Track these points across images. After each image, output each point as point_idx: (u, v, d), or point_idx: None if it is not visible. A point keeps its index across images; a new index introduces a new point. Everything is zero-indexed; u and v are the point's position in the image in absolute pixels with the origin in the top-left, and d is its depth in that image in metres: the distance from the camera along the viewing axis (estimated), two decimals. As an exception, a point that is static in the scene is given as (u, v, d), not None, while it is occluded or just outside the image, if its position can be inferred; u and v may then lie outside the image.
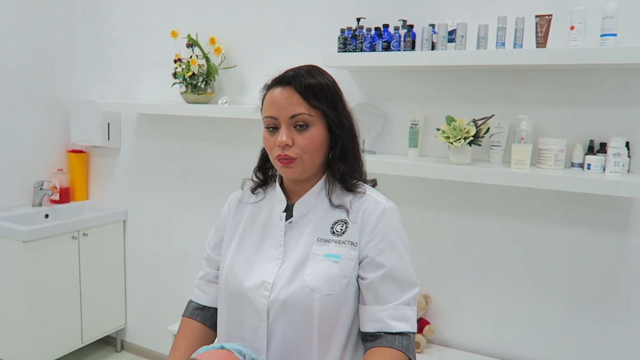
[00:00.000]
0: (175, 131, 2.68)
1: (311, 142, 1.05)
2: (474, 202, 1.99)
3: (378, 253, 1.05)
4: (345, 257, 1.05)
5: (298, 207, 1.12)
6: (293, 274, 1.05)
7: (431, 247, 2.08)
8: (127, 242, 2.94)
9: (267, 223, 1.15)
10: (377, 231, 1.06)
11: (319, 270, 1.04)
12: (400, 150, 2.09)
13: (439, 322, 2.09)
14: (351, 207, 1.09)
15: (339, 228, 1.08)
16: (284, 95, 1.05)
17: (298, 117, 1.04)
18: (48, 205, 2.86)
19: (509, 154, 1.85)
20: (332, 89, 1.09)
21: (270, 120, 1.07)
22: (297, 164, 1.06)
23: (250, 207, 1.20)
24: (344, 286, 1.04)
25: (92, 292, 2.77)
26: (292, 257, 1.08)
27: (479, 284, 2.01)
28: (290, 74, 1.06)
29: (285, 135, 1.04)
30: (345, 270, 1.04)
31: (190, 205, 2.69)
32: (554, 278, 1.88)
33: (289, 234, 1.11)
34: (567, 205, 1.83)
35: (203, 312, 1.22)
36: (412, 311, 1.05)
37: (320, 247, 1.07)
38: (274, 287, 1.05)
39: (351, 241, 1.07)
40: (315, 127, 1.06)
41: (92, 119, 2.78)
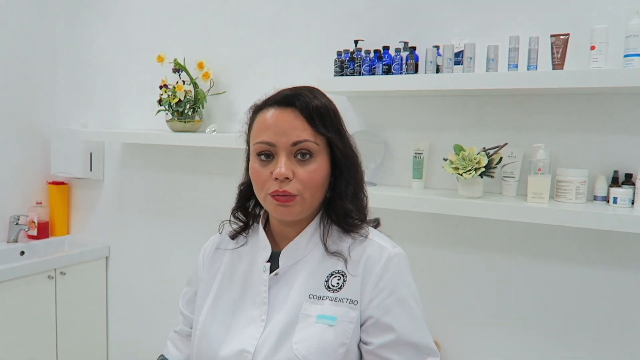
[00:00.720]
0: (162, 161, 2.51)
1: (314, 176, 0.88)
2: (486, 240, 1.80)
3: (384, 313, 0.87)
4: (343, 318, 0.86)
5: (285, 255, 0.93)
6: (279, 341, 0.86)
7: (438, 288, 1.88)
8: (109, 280, 2.73)
9: (248, 275, 0.96)
10: (382, 285, 0.88)
11: (311, 335, 0.85)
12: (403, 181, 1.92)
13: (448, 371, 1.89)
14: (350, 256, 0.90)
15: (335, 282, 0.89)
16: (284, 117, 0.88)
17: (302, 145, 0.87)
18: (25, 241, 2.66)
19: (523, 185, 1.68)
20: (337, 114, 0.94)
21: (263, 147, 0.89)
22: (296, 203, 0.88)
23: (230, 254, 1.01)
24: (341, 356, 0.85)
25: (69, 336, 2.55)
26: (277, 319, 0.89)
27: (492, 329, 1.81)
28: (290, 93, 0.90)
29: (284, 165, 0.87)
30: (343, 337, 0.86)
31: (177, 241, 2.50)
32: (576, 324, 1.68)
33: (274, 288, 0.92)
34: (590, 244, 1.65)
35: None
36: None
37: (313, 305, 0.88)
38: (256, 357, 0.86)
39: (350, 299, 0.88)
40: (320, 158, 0.90)
41: (73, 149, 2.61)
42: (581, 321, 1.68)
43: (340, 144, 0.91)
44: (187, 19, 2.37)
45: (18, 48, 2.63)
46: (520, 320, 1.76)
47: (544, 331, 1.73)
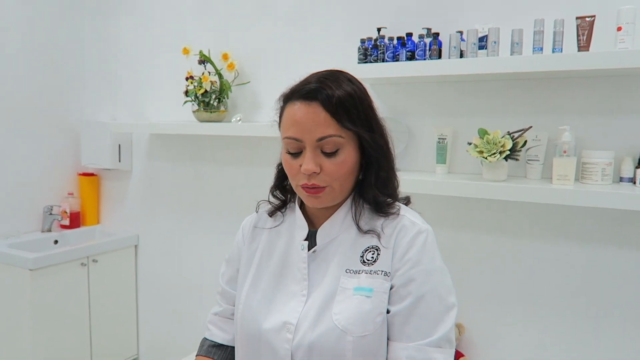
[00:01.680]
0: (188, 151, 2.57)
1: (342, 167, 0.90)
2: (510, 222, 1.82)
3: (406, 282, 0.90)
4: (379, 289, 0.90)
5: (322, 234, 0.97)
6: (319, 313, 0.90)
7: (463, 271, 1.90)
8: (139, 268, 2.82)
9: (287, 253, 0.99)
10: (408, 257, 0.91)
11: (350, 307, 0.89)
12: (427, 167, 1.94)
13: (473, 353, 1.91)
14: (383, 231, 0.94)
15: (370, 256, 0.93)
16: (308, 113, 0.89)
17: (327, 140, 0.88)
18: (58, 231, 2.75)
19: (547, 169, 1.69)
20: (364, 100, 0.93)
21: (292, 143, 0.91)
22: (326, 193, 0.92)
23: (267, 233, 1.05)
24: (379, 325, 0.88)
25: (102, 321, 2.64)
26: (317, 293, 0.93)
27: (517, 311, 1.83)
28: (314, 86, 0.89)
29: (311, 161, 0.89)
30: (380, 306, 0.89)
31: (204, 229, 2.56)
32: (602, 305, 1.69)
33: (312, 265, 0.96)
34: (616, 225, 1.65)
35: (220, 350, 1.08)
36: (444, 355, 0.88)
37: (350, 279, 0.91)
38: (298, 329, 0.90)
39: (384, 270, 0.91)
40: (347, 150, 0.90)
41: (102, 141, 2.69)
42: (607, 303, 1.68)
43: (367, 135, 0.91)
44: (212, 11, 2.42)
45: (47, 44, 2.72)
46: (545, 303, 1.78)
47: (570, 314, 1.74)
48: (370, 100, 0.95)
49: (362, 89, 0.94)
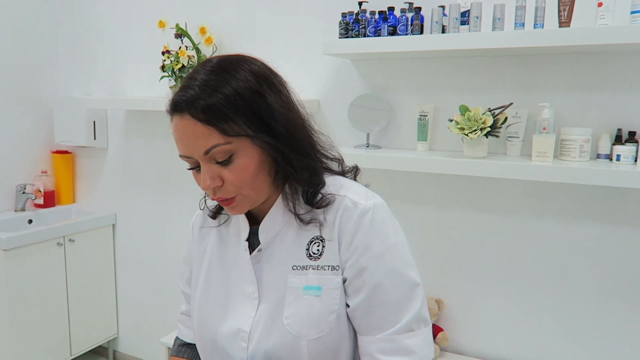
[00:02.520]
0: (165, 128, 2.50)
1: (244, 173, 0.80)
2: (491, 199, 1.83)
3: (358, 272, 0.82)
4: (328, 287, 0.83)
5: (264, 231, 0.89)
6: (272, 318, 0.85)
7: (443, 248, 1.92)
8: (117, 247, 2.78)
9: (234, 253, 0.93)
10: (355, 244, 0.83)
11: (300, 310, 0.83)
12: (408, 144, 1.93)
13: (453, 328, 1.94)
14: (325, 219, 0.85)
15: (315, 249, 0.85)
16: (185, 128, 0.79)
17: (214, 151, 0.78)
18: (32, 210, 2.69)
19: (527, 145, 1.70)
20: (248, 93, 0.79)
21: (186, 160, 0.82)
22: (240, 201, 0.83)
23: (215, 232, 0.98)
24: (334, 323, 0.83)
25: (80, 301, 2.60)
26: (268, 295, 0.87)
27: (495, 286, 1.86)
28: (184, 97, 0.78)
29: (207, 177, 0.80)
30: (332, 304, 0.83)
31: (182, 208, 2.52)
32: (578, 279, 1.73)
33: (259, 265, 0.89)
34: (593, 201, 1.68)
35: (190, 348, 1.06)
36: (417, 337, 0.82)
37: (298, 277, 0.85)
38: (252, 337, 0.86)
39: (331, 265, 0.84)
40: (242, 154, 0.79)
41: (76, 118, 2.61)
42: (585, 278, 1.72)
43: (257, 137, 0.79)
44: (188, -17, 2.34)
45: (18, 17, 2.60)
46: (525, 278, 1.81)
47: (547, 285, 1.78)
48: (261, 90, 0.80)
49: (249, 80, 0.80)
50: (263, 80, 0.82)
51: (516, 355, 1.85)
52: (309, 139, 0.87)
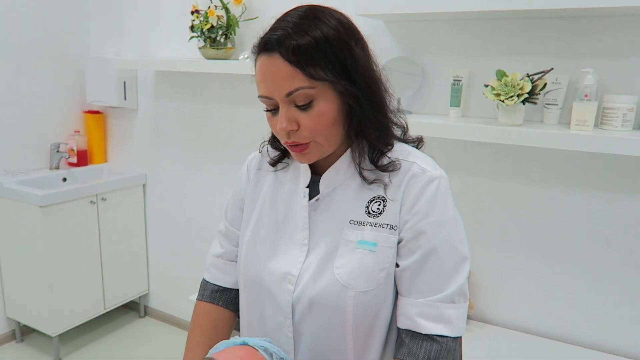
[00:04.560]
0: (195, 90, 2.51)
1: (320, 120, 0.81)
2: (525, 168, 1.78)
3: (416, 235, 0.84)
4: (383, 244, 0.85)
5: (325, 181, 0.90)
6: (321, 266, 0.86)
7: (473, 217, 1.89)
8: (147, 206, 2.84)
9: (290, 199, 0.94)
10: (417, 208, 0.84)
11: (352, 261, 0.85)
12: (440, 110, 1.88)
13: (479, 297, 1.94)
14: (390, 181, 0.86)
15: (375, 207, 0.86)
16: (271, 67, 0.79)
17: (296, 94, 0.79)
18: (65, 168, 2.75)
19: (565, 113, 1.64)
20: (336, 41, 0.80)
21: (265, 101, 0.83)
22: (312, 148, 0.84)
23: (272, 176, 0.99)
24: (382, 280, 0.84)
25: (113, 258, 2.69)
26: (320, 244, 0.88)
27: (525, 257, 1.83)
28: (273, 35, 0.79)
29: (284, 119, 0.81)
30: (384, 261, 0.85)
31: (211, 168, 2.55)
32: (611, 253, 1.68)
33: (315, 214, 0.90)
34: (635, 172, 1.61)
35: (225, 294, 1.05)
36: (458, 310, 0.83)
37: (353, 231, 0.86)
38: (299, 281, 0.87)
39: (390, 224, 0.85)
40: (322, 100, 0.81)
41: (107, 78, 2.63)
42: (619, 248, 1.67)
43: (341, 84, 0.80)
44: (217, -60, 2.28)
45: (47, -26, 2.60)
46: (556, 250, 1.77)
47: (581, 262, 1.74)
48: (346, 35, 0.82)
49: (338, 29, 0.81)
50: (350, 33, 0.83)
51: (541, 327, 1.84)
52: (384, 98, 0.88)
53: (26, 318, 2.54)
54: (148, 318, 2.96)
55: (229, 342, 0.83)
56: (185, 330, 2.78)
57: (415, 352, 0.82)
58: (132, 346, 2.68)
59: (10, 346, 2.62)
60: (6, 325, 2.64)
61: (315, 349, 0.89)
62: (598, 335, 1.75)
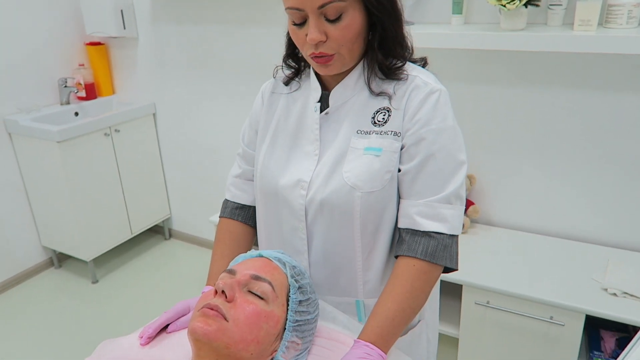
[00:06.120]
0: (193, 13, 2.47)
1: (348, 32, 0.87)
2: (529, 73, 1.78)
3: (416, 141, 0.91)
4: (388, 149, 0.92)
5: (335, 96, 0.98)
6: (331, 171, 0.95)
7: (476, 124, 1.92)
8: (159, 134, 2.91)
9: (302, 115, 1.02)
10: (418, 116, 0.91)
11: (359, 165, 0.92)
12: (443, 18, 1.85)
13: (483, 202, 2.02)
14: (395, 93, 0.94)
15: (380, 117, 0.94)
16: None
17: (328, 7, 0.84)
18: (76, 103, 2.80)
19: (570, 13, 1.60)
20: None
21: (294, 13, 0.87)
22: (336, 60, 0.90)
23: (285, 98, 1.06)
24: (387, 182, 0.92)
25: (133, 186, 2.81)
26: (329, 153, 0.96)
27: (527, 160, 1.88)
28: None
29: (315, 30, 0.86)
30: (389, 165, 0.92)
31: (218, 92, 2.57)
32: (613, 150, 1.72)
33: (325, 126, 0.98)
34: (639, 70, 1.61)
35: (244, 211, 1.15)
36: (454, 211, 0.91)
37: (360, 139, 0.94)
38: (311, 185, 0.96)
39: (394, 131, 0.92)
40: (350, 13, 0.86)
41: (103, 7, 2.58)
42: (619, 146, 1.71)
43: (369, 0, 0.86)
44: None
45: None
46: (559, 152, 1.82)
47: (580, 157, 1.79)
48: None
49: None
50: None
51: (543, 226, 1.93)
52: (402, 19, 0.93)
53: (61, 246, 2.73)
54: (173, 240, 3.15)
55: (247, 255, 0.92)
56: (207, 249, 2.96)
57: (414, 248, 0.90)
58: (160, 266, 2.88)
59: (50, 272, 2.84)
60: (43, 253, 2.83)
61: (327, 248, 0.98)
62: (596, 230, 1.84)
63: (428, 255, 0.90)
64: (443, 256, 0.91)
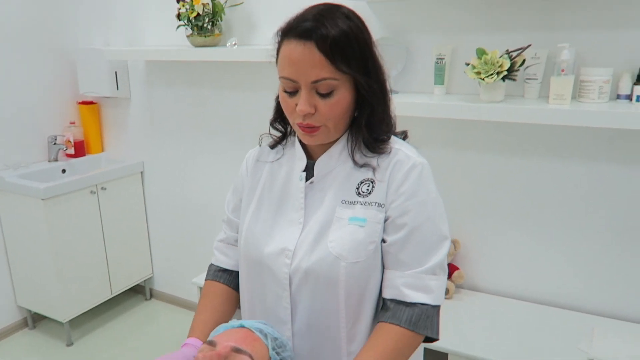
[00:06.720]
0: (186, 77, 2.55)
1: (336, 108, 0.91)
2: (508, 142, 1.84)
3: (402, 213, 0.93)
4: (372, 220, 0.94)
5: (320, 166, 1.00)
6: (316, 240, 0.95)
7: (460, 190, 1.96)
8: (146, 193, 2.90)
9: (286, 183, 1.03)
10: (403, 189, 0.94)
11: (344, 235, 0.93)
12: (426, 88, 1.93)
13: (468, 267, 2.02)
14: (378, 165, 0.96)
15: (365, 188, 0.96)
16: (303, 53, 0.86)
17: (320, 83, 0.88)
18: (64, 160, 2.81)
19: (546, 87, 1.69)
20: (361, 38, 0.89)
21: (288, 83, 0.90)
22: (321, 132, 0.93)
23: (269, 165, 1.08)
24: (371, 252, 0.93)
25: (116, 244, 2.77)
26: (314, 221, 0.97)
27: (511, 227, 1.91)
28: (310, 25, 0.86)
29: (306, 103, 0.89)
30: (373, 235, 0.93)
31: (207, 153, 2.60)
32: (593, 218, 1.76)
33: (310, 195, 1.00)
34: (612, 143, 1.67)
35: (226, 274, 1.15)
36: (438, 282, 0.93)
37: (345, 209, 0.95)
38: (296, 254, 0.96)
39: (378, 202, 0.94)
40: (341, 91, 0.90)
41: (98, 69, 2.66)
42: (598, 214, 1.75)
43: (362, 79, 0.90)
44: None
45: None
46: (539, 218, 1.85)
47: (561, 224, 1.81)
48: (368, 36, 0.92)
49: (360, 26, 0.91)
50: (368, 31, 0.93)
51: (528, 292, 1.93)
52: (389, 100, 0.98)
53: (37, 306, 2.64)
54: (154, 300, 3.07)
55: (228, 325, 0.91)
56: (189, 310, 2.89)
57: (399, 316, 0.91)
58: (139, 328, 2.79)
59: (24, 333, 2.73)
60: (18, 313, 2.74)
61: (311, 318, 0.97)
62: (580, 297, 1.84)
63: (412, 324, 0.90)
64: (425, 326, 0.91)
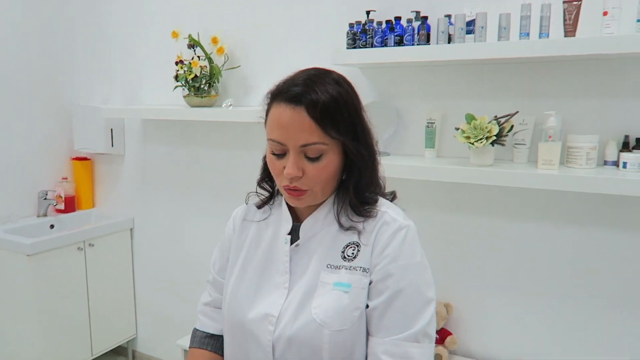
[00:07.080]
0: (181, 136, 2.58)
1: (324, 172, 0.91)
2: (498, 205, 1.85)
3: (384, 277, 0.91)
4: (357, 285, 0.92)
5: (305, 229, 0.99)
6: (300, 307, 0.93)
7: (452, 253, 1.95)
8: (135, 251, 2.86)
9: (272, 246, 1.02)
10: (387, 252, 0.92)
11: (328, 302, 0.91)
12: (416, 151, 1.96)
13: (461, 332, 1.97)
14: (364, 228, 0.95)
15: (350, 252, 0.95)
16: (293, 117, 0.87)
17: (309, 147, 0.88)
18: (53, 215, 2.78)
19: (534, 152, 1.71)
20: (350, 104, 0.91)
21: (276, 145, 0.90)
22: (308, 195, 0.94)
23: (256, 225, 1.07)
24: (356, 319, 0.91)
25: (100, 303, 2.69)
26: (299, 286, 0.95)
27: (503, 290, 1.88)
28: (300, 90, 0.87)
29: (294, 166, 0.89)
30: (357, 301, 0.91)
31: (199, 212, 2.59)
32: (586, 284, 1.73)
33: (295, 259, 0.98)
34: (600, 207, 1.68)
35: (213, 340, 1.11)
36: (421, 349, 0.89)
37: (330, 274, 0.93)
38: (279, 321, 0.93)
39: (363, 267, 0.93)
40: (330, 155, 0.90)
41: (95, 125, 2.69)
42: (591, 279, 1.73)
43: (351, 144, 0.90)
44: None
45: (38, 26, 2.69)
46: (531, 283, 1.82)
47: (555, 289, 1.79)
48: (357, 101, 0.94)
49: (349, 92, 0.92)
50: (357, 97, 0.94)
51: (523, 356, 1.87)
52: (377, 165, 0.99)
53: (13, 367, 2.52)
54: (136, 363, 2.94)
55: None
56: (173, 375, 2.76)
57: None
58: (120, 393, 2.65)
59: (-4, 397, 2.58)
60: (-8, 375, 2.61)
61: None
62: None
63: None
64: None
